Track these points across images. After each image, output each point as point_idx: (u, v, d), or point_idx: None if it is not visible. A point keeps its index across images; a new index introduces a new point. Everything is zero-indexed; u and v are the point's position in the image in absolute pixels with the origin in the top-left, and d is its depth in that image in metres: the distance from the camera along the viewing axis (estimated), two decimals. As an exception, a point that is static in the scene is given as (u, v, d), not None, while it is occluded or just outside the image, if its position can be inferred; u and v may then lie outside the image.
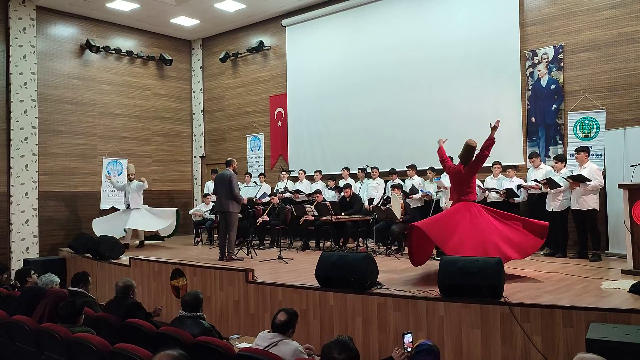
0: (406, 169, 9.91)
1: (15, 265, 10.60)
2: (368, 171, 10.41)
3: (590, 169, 7.43)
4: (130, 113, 13.42)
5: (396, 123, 10.74)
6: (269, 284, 6.48)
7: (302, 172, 11.52)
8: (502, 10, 9.53)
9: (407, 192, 9.36)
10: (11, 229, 11.11)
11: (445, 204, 8.53)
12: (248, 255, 8.92)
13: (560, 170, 7.94)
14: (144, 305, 5.09)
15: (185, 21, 13.15)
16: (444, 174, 8.56)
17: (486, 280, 4.94)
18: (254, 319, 6.56)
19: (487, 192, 8.74)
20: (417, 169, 9.85)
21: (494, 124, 6.50)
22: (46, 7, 11.82)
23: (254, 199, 10.66)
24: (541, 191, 8.16)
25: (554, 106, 9.00)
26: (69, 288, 5.31)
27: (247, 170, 12.88)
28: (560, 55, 8.93)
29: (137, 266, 8.51)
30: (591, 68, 8.66)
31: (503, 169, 8.98)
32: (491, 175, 9.06)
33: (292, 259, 8.41)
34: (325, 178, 11.22)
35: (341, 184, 10.46)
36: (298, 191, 11.06)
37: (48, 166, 11.75)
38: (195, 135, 14.74)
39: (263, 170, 12.78)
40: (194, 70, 14.80)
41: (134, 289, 5.08)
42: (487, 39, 9.67)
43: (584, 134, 8.59)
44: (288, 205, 10.36)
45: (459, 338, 4.98)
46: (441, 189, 8.83)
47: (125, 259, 9.02)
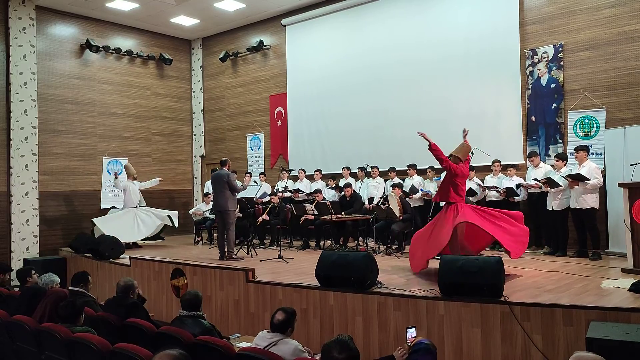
0: (406, 168, 9.91)
1: (16, 264, 10.59)
2: (368, 170, 10.41)
3: (590, 168, 7.43)
4: (130, 113, 13.43)
5: (396, 122, 10.73)
6: (269, 284, 6.49)
7: (302, 172, 11.52)
8: (502, 9, 9.53)
9: (407, 192, 9.36)
10: (11, 228, 11.12)
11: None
12: (248, 254, 8.92)
13: (560, 169, 7.94)
14: (144, 305, 5.09)
15: (185, 21, 13.15)
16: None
17: (486, 279, 4.94)
18: (254, 319, 6.56)
19: (487, 191, 8.74)
20: (417, 168, 9.85)
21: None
22: (46, 7, 11.82)
23: (254, 199, 10.66)
24: (541, 190, 8.17)
25: (554, 105, 8.99)
26: (69, 288, 5.31)
27: (247, 170, 12.88)
28: (560, 54, 8.93)
29: (138, 266, 8.51)
30: (591, 67, 8.66)
31: (503, 168, 8.98)
32: (491, 174, 9.07)
33: (292, 259, 8.41)
34: (326, 177, 11.22)
35: (341, 183, 10.46)
36: (298, 190, 11.06)
37: (48, 166, 11.76)
38: (195, 134, 14.74)
39: (263, 170, 12.79)
40: (193, 70, 14.80)
41: (135, 288, 5.07)
42: (487, 38, 9.66)
43: (584, 133, 8.59)
44: (288, 205, 10.36)
45: (459, 337, 4.98)
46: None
47: (125, 259, 9.02)
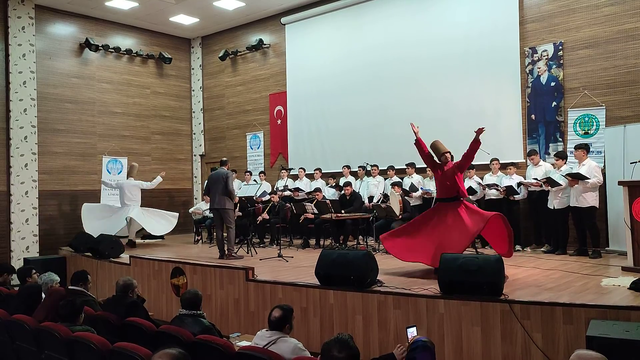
0: (405, 166, 9.90)
1: (16, 264, 10.57)
2: (368, 169, 10.41)
3: (589, 167, 7.43)
4: (130, 112, 13.42)
5: (396, 120, 10.71)
6: (269, 282, 6.48)
7: (302, 170, 11.52)
8: (502, 7, 9.52)
9: (407, 190, 9.36)
10: (11, 228, 11.12)
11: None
12: (248, 253, 8.92)
13: (560, 168, 7.94)
14: (144, 305, 5.08)
15: (184, 19, 13.14)
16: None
17: (486, 277, 4.94)
18: (254, 317, 6.56)
19: (487, 189, 8.74)
20: (417, 166, 9.84)
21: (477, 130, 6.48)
22: (45, 6, 11.81)
23: (254, 197, 10.66)
24: (541, 189, 8.16)
25: (554, 103, 8.99)
26: (69, 287, 5.31)
27: (247, 169, 12.88)
28: (560, 53, 8.92)
29: (137, 265, 8.51)
30: (591, 65, 8.65)
31: (503, 167, 8.98)
32: (490, 172, 9.06)
33: (292, 257, 8.41)
34: (326, 176, 11.22)
35: (342, 181, 10.45)
36: (298, 189, 11.06)
37: (48, 165, 11.75)
38: (195, 133, 14.73)
39: (263, 169, 12.78)
40: (193, 69, 14.79)
41: (134, 288, 5.07)
42: (487, 36, 9.66)
43: (583, 131, 8.58)
44: (288, 204, 10.35)
45: (459, 335, 4.98)
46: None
47: (125, 258, 9.02)
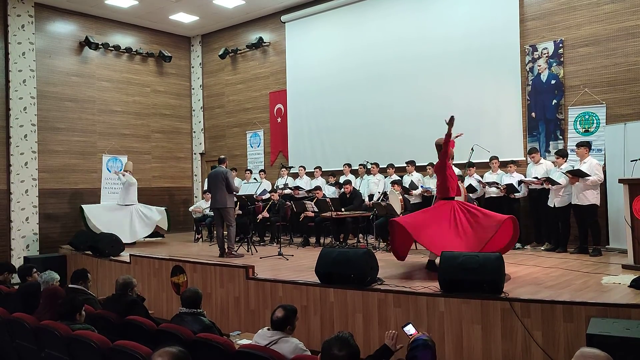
0: (405, 164, 9.90)
1: (16, 262, 10.57)
2: (368, 167, 10.40)
3: (590, 164, 7.42)
4: (130, 110, 13.41)
5: (396, 118, 10.72)
6: (270, 281, 6.48)
7: (302, 169, 11.52)
8: (502, 5, 9.50)
9: (407, 188, 9.35)
10: (11, 226, 11.12)
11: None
12: (248, 251, 8.92)
13: (561, 166, 7.93)
14: (144, 303, 5.08)
15: (184, 17, 13.13)
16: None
17: (486, 275, 4.93)
18: (255, 316, 6.56)
19: (487, 187, 8.73)
20: (417, 164, 9.84)
21: (447, 119, 6.35)
22: (45, 4, 11.79)
23: (254, 196, 10.65)
24: (542, 187, 8.16)
25: (554, 101, 8.98)
26: (69, 285, 5.31)
27: (247, 167, 12.88)
28: (560, 50, 8.91)
29: (137, 263, 8.51)
30: (591, 63, 8.64)
31: (503, 165, 8.97)
32: (490, 171, 9.06)
33: (293, 256, 8.41)
34: (326, 174, 11.21)
35: (342, 180, 10.45)
36: (298, 187, 11.05)
37: (48, 163, 11.75)
38: (195, 132, 14.73)
39: (263, 167, 12.78)
40: (193, 67, 14.78)
41: (134, 286, 5.06)
42: (487, 34, 9.64)
43: (584, 129, 8.58)
44: (288, 202, 10.36)
45: (459, 333, 4.97)
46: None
47: (125, 256, 9.02)
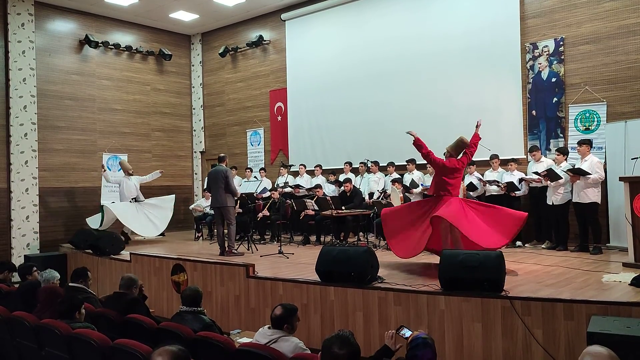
0: (406, 163, 9.89)
1: (16, 261, 10.59)
2: (368, 165, 10.39)
3: (591, 162, 7.41)
4: (130, 108, 13.40)
5: (396, 116, 10.70)
6: (270, 279, 6.48)
7: (303, 167, 11.51)
8: (503, 2, 9.48)
9: (408, 187, 9.34)
10: (11, 225, 11.13)
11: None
12: (249, 250, 8.92)
13: (561, 163, 7.93)
14: (145, 302, 5.07)
15: (184, 16, 13.11)
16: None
17: (487, 273, 4.93)
18: (255, 314, 6.56)
19: (488, 185, 8.73)
20: (417, 163, 9.83)
21: (478, 122, 6.81)
22: (45, 3, 11.78)
23: (255, 194, 10.65)
24: (542, 184, 8.15)
25: (555, 99, 8.96)
26: (69, 284, 5.31)
27: (248, 165, 12.87)
28: (561, 48, 8.89)
29: (138, 261, 8.51)
30: (592, 61, 8.63)
31: (504, 163, 8.96)
32: (490, 169, 9.05)
33: (293, 254, 8.40)
34: (326, 172, 11.20)
35: (342, 178, 10.45)
36: (298, 186, 11.05)
37: (48, 162, 11.75)
38: (195, 130, 14.72)
39: (263, 165, 12.77)
40: (193, 65, 14.77)
41: (138, 284, 5.04)
42: (488, 32, 9.62)
43: (584, 127, 8.56)
44: (288, 200, 10.35)
45: (459, 332, 4.97)
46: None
47: (125, 255, 9.02)
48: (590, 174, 7.27)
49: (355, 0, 11.42)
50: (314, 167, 11.30)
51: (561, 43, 8.89)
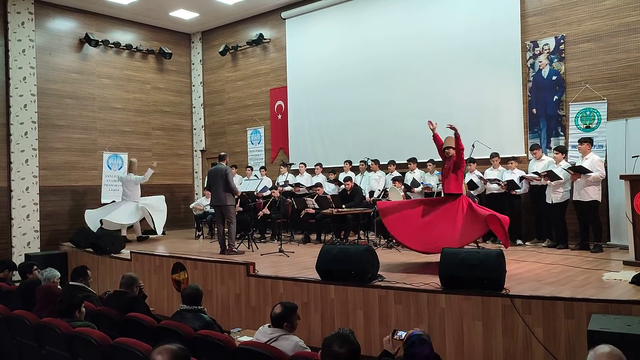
0: (407, 162, 9.88)
1: (17, 260, 10.60)
2: (369, 164, 10.39)
3: (592, 160, 7.41)
4: (130, 107, 13.40)
5: (397, 115, 10.70)
6: (270, 277, 6.48)
7: (303, 165, 11.50)
8: (503, 0, 9.46)
9: (409, 185, 9.34)
10: (12, 223, 11.13)
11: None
12: (249, 248, 8.91)
13: (559, 162, 7.92)
14: (145, 301, 5.08)
15: (184, 14, 13.10)
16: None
17: (487, 272, 4.93)
18: (255, 312, 6.56)
19: (488, 184, 8.72)
20: (418, 161, 9.82)
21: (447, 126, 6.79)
22: (45, 1, 11.77)
23: (255, 193, 10.64)
24: (542, 183, 8.14)
25: (555, 97, 8.95)
26: (69, 282, 5.31)
27: (248, 164, 12.87)
28: (562, 46, 8.88)
29: (138, 260, 8.52)
30: (592, 59, 8.61)
31: (504, 161, 8.95)
32: (491, 167, 9.04)
33: (293, 252, 8.40)
34: (326, 171, 11.19)
35: (342, 177, 10.44)
36: (299, 184, 11.04)
37: (48, 161, 11.74)
38: (195, 129, 14.71)
39: (264, 164, 12.77)
40: (193, 64, 14.75)
41: (138, 283, 5.05)
42: (488, 30, 9.61)
43: (585, 125, 8.55)
44: (289, 199, 10.34)
45: (460, 330, 4.97)
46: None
47: (126, 253, 9.03)
48: (591, 172, 7.26)
49: (355, -1, 11.43)
50: (314, 166, 11.30)
51: (562, 41, 8.88)
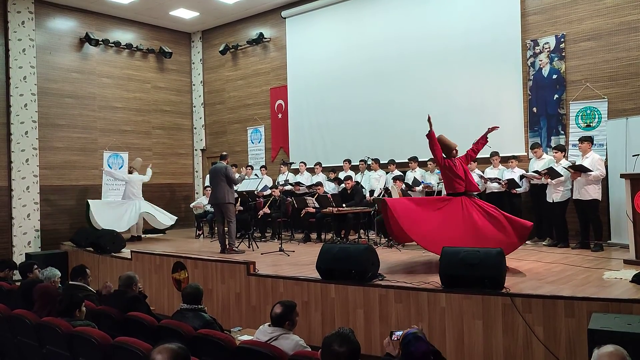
0: (407, 161, 9.88)
1: (17, 259, 10.61)
2: (369, 163, 10.38)
3: (592, 159, 7.40)
4: (131, 106, 13.40)
5: (397, 114, 10.69)
6: (271, 277, 6.49)
7: (303, 165, 11.50)
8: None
9: (410, 185, 9.33)
10: (13, 223, 11.13)
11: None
12: (249, 247, 8.92)
13: (559, 161, 7.92)
14: (146, 300, 5.08)
15: (184, 13, 13.09)
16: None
17: (487, 271, 4.93)
18: (256, 312, 6.57)
19: (488, 183, 8.71)
20: (418, 160, 9.81)
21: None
22: (45, 1, 11.77)
23: (255, 192, 10.64)
24: (542, 182, 8.13)
25: (556, 96, 8.95)
26: (69, 282, 5.31)
27: (248, 163, 12.87)
28: (562, 45, 8.87)
29: (139, 259, 8.52)
30: (593, 57, 8.60)
31: (505, 160, 8.95)
32: (491, 166, 9.03)
33: (294, 251, 8.40)
34: (326, 170, 11.19)
35: (342, 176, 10.43)
36: (299, 183, 11.04)
37: (49, 160, 11.75)
38: (195, 128, 14.71)
39: (264, 163, 12.77)
40: (193, 63, 14.75)
41: (137, 282, 5.05)
42: (488, 29, 9.60)
43: (585, 124, 8.55)
44: (289, 198, 10.34)
45: (460, 329, 4.97)
46: (442, 181, 8.79)
47: (126, 253, 9.03)
48: (591, 171, 7.25)
49: (355, -2, 11.41)
50: (315, 165, 11.29)
51: (562, 40, 8.87)
